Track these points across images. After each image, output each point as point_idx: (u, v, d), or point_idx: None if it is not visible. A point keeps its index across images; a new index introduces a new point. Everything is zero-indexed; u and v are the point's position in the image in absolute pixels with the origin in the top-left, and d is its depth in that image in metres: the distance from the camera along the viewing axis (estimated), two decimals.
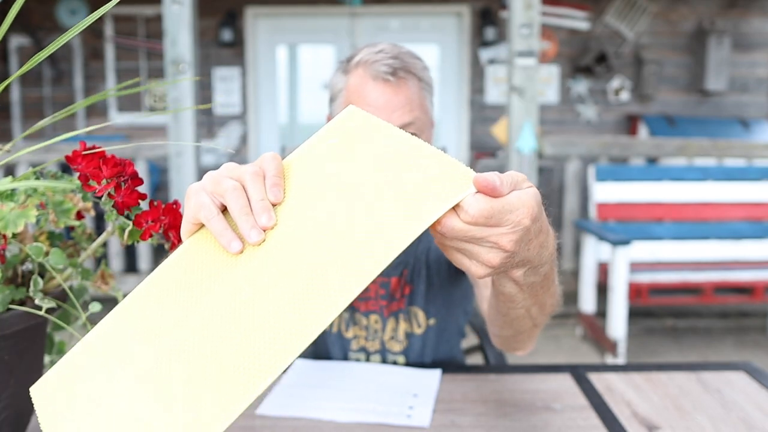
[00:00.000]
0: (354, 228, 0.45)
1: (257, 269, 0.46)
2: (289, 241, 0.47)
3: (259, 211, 0.48)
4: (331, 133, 0.53)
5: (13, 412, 0.63)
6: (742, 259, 3.24)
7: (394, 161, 0.48)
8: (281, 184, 0.50)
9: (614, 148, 3.52)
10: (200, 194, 0.50)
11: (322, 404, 0.85)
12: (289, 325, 0.42)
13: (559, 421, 0.81)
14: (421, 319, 1.07)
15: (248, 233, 0.47)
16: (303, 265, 0.45)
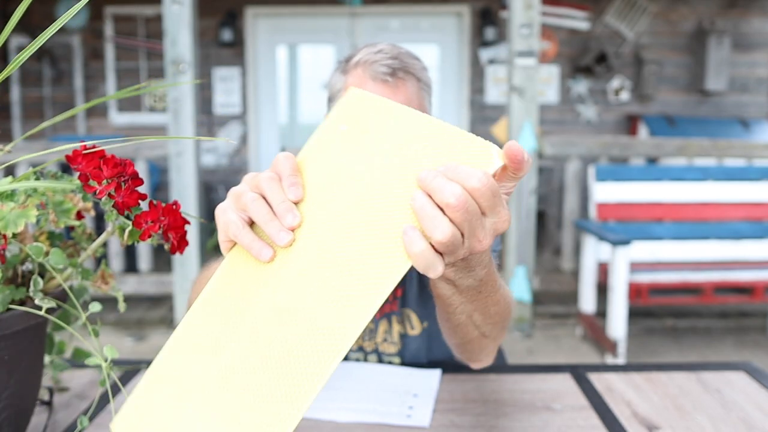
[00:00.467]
0: (384, 221, 0.45)
1: (296, 272, 0.47)
2: (321, 236, 0.47)
3: (283, 213, 0.48)
4: (339, 119, 0.53)
5: (13, 412, 0.63)
6: (742, 259, 3.24)
7: (410, 143, 0.48)
8: (299, 181, 0.50)
9: (614, 148, 3.52)
10: (226, 213, 0.51)
11: (321, 404, 0.85)
12: (333, 325, 0.43)
13: (559, 421, 0.81)
14: (414, 322, 1.07)
15: (277, 237, 0.48)
16: (338, 261, 0.45)
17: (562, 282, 3.76)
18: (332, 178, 0.49)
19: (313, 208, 0.49)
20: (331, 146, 0.51)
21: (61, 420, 0.81)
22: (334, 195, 0.48)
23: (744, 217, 3.28)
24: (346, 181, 0.48)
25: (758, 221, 3.28)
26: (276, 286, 0.47)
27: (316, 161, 0.52)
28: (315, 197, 0.49)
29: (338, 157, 0.50)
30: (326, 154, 0.51)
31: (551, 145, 3.44)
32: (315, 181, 0.50)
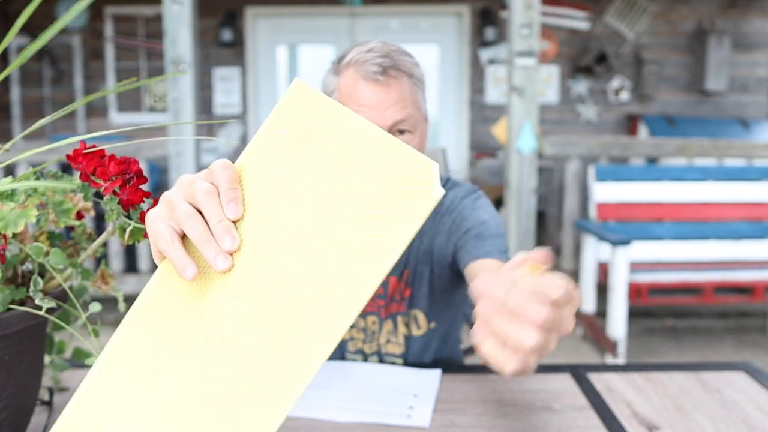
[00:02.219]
0: (328, 249, 0.42)
1: (234, 298, 0.44)
2: (260, 263, 0.43)
3: (221, 235, 0.44)
4: (280, 120, 0.48)
5: (13, 411, 0.63)
6: (742, 259, 3.24)
7: (353, 158, 0.44)
8: (239, 195, 0.46)
9: (614, 148, 3.52)
10: (155, 223, 0.47)
11: (322, 404, 0.85)
12: (276, 378, 0.40)
13: (559, 421, 0.81)
14: (421, 322, 1.06)
15: (214, 261, 0.44)
16: (281, 296, 0.42)
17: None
18: (272, 191, 0.46)
19: (253, 226, 0.45)
20: (270, 153, 0.47)
21: None
22: (276, 213, 0.45)
23: (744, 217, 3.28)
24: (288, 197, 0.45)
25: (758, 221, 3.28)
26: (214, 311, 0.44)
27: (256, 169, 0.47)
28: (255, 213, 0.46)
29: (278, 167, 0.47)
30: (265, 161, 0.47)
31: (551, 145, 3.44)
32: (255, 194, 0.46)
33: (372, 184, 0.42)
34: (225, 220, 0.45)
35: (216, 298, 0.44)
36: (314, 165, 0.45)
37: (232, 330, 0.43)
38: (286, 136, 0.47)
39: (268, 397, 0.40)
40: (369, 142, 0.44)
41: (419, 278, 1.05)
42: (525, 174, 3.32)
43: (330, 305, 0.40)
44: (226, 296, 0.44)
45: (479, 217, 0.98)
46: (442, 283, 1.05)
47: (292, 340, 0.40)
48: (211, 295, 0.45)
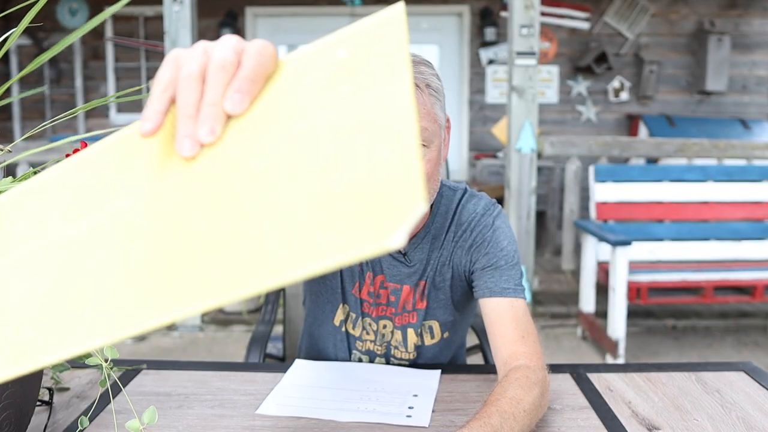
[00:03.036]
0: (289, 205, 0.35)
1: (180, 191, 0.37)
2: (224, 175, 0.37)
3: (203, 119, 0.37)
4: (348, 41, 0.40)
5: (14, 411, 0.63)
6: (742, 259, 3.24)
7: (366, 128, 0.35)
8: (252, 91, 0.38)
9: (614, 148, 3.52)
10: (165, 66, 0.40)
11: (322, 404, 0.85)
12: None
13: (559, 421, 0.81)
14: (436, 332, 1.06)
15: (180, 141, 0.37)
16: (222, 216, 0.35)
17: (562, 282, 3.76)
18: (284, 115, 0.38)
19: (242, 134, 0.38)
20: (312, 71, 0.39)
21: (61, 420, 0.81)
22: (271, 136, 0.37)
23: (744, 217, 3.28)
24: (292, 130, 0.37)
25: (758, 221, 3.28)
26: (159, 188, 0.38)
27: (288, 79, 0.40)
28: (254, 122, 0.38)
29: (306, 93, 0.39)
30: (301, 78, 0.40)
31: (551, 145, 3.44)
32: (269, 104, 0.39)
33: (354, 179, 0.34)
34: (218, 107, 0.37)
35: (166, 177, 0.39)
36: (329, 110, 0.37)
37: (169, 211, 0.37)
38: (342, 59, 0.39)
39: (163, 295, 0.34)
40: (389, 137, 0.35)
41: (436, 290, 1.03)
42: (525, 174, 3.32)
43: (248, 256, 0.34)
44: (174, 183, 0.38)
45: (498, 242, 0.98)
46: (457, 295, 1.04)
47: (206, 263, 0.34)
48: (163, 171, 0.39)
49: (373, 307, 1.05)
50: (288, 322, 1.47)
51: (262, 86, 0.39)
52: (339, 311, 1.07)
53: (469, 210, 1.02)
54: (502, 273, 0.95)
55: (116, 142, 0.42)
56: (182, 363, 1.04)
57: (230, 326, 3.41)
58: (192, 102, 0.37)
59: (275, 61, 0.39)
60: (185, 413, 0.83)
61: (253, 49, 0.39)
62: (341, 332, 1.08)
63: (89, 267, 0.37)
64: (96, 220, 0.39)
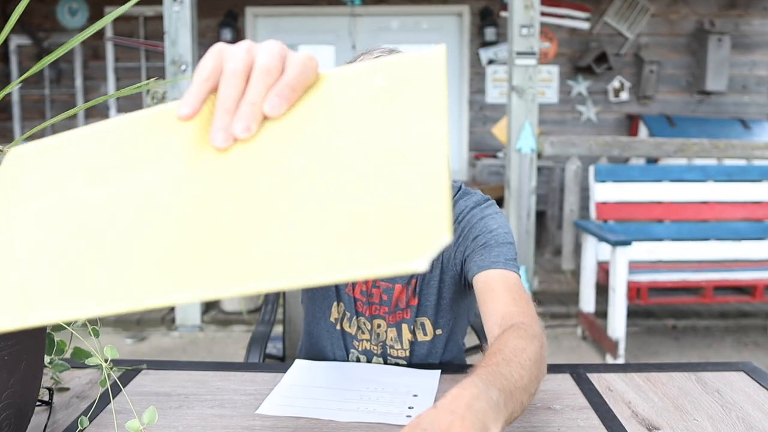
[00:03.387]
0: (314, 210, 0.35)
1: (209, 181, 0.38)
2: (253, 170, 0.38)
3: (241, 116, 0.38)
4: (391, 70, 0.40)
5: (14, 411, 0.63)
6: (742, 259, 3.24)
7: (399, 156, 0.36)
8: (291, 98, 0.39)
9: (614, 148, 3.52)
10: (209, 56, 0.42)
11: (321, 404, 0.85)
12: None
13: (559, 421, 0.81)
14: (428, 329, 1.06)
15: (215, 132, 0.39)
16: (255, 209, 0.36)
17: (562, 282, 3.76)
18: (320, 128, 0.39)
19: (276, 135, 0.39)
20: (351, 93, 0.40)
21: (61, 420, 0.81)
22: (303, 143, 0.38)
23: (744, 217, 3.28)
24: (326, 142, 0.38)
25: (758, 221, 3.28)
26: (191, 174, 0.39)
27: (326, 93, 0.40)
28: (289, 127, 0.39)
29: (343, 112, 0.39)
30: (340, 96, 0.40)
31: (551, 145, 3.44)
32: (306, 113, 0.39)
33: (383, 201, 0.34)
34: (257, 107, 0.39)
35: (197, 162, 0.39)
36: (363, 132, 0.38)
37: (196, 195, 0.38)
38: (379, 88, 0.39)
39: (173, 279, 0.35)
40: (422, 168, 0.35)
41: (427, 287, 1.04)
42: (525, 174, 3.32)
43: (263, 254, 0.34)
44: (204, 170, 0.39)
45: (487, 225, 0.98)
46: (450, 292, 1.04)
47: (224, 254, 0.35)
48: (195, 156, 0.40)
49: (366, 306, 1.05)
50: (288, 322, 1.47)
51: (301, 95, 0.40)
52: (334, 309, 1.08)
53: (460, 206, 1.03)
54: (491, 250, 0.94)
55: (149, 117, 0.43)
56: (182, 363, 1.04)
57: (230, 326, 3.41)
58: (233, 97, 0.39)
59: (316, 74, 0.41)
60: (185, 413, 0.83)
61: (297, 59, 0.40)
62: (337, 330, 1.08)
63: (108, 233, 0.37)
64: (120, 189, 0.39)
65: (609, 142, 3.55)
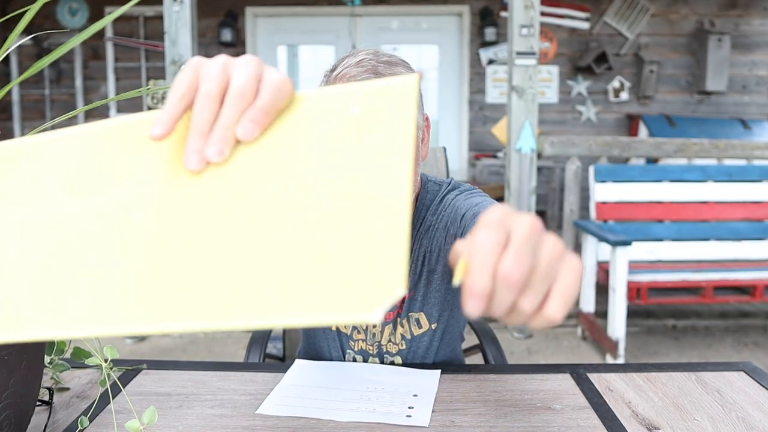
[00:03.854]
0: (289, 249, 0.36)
1: (183, 203, 0.39)
2: (227, 201, 0.38)
3: (214, 140, 0.38)
4: (363, 98, 0.40)
5: (14, 411, 0.63)
6: (742, 259, 3.24)
7: (363, 197, 0.36)
8: (264, 122, 0.39)
9: (614, 148, 3.52)
10: (185, 74, 0.41)
11: (322, 404, 0.85)
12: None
13: (559, 421, 0.81)
14: (423, 322, 1.06)
15: (188, 154, 0.39)
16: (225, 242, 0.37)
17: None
18: (290, 155, 0.39)
19: (248, 162, 0.39)
20: (322, 121, 0.40)
21: (61, 420, 0.81)
22: (275, 171, 0.38)
23: (744, 217, 3.28)
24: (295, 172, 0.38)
25: (758, 221, 3.28)
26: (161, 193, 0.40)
27: (298, 118, 0.40)
28: (261, 152, 0.39)
29: (315, 140, 0.39)
30: (312, 123, 0.40)
31: (551, 145, 3.44)
32: (277, 137, 0.40)
33: (345, 245, 0.35)
34: (230, 131, 0.39)
35: (172, 183, 0.40)
36: (332, 167, 0.38)
37: (170, 220, 0.38)
38: (354, 117, 0.39)
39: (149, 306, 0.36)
40: (384, 213, 0.35)
41: (418, 279, 1.05)
42: (525, 174, 3.32)
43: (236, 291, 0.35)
44: (178, 193, 0.39)
45: (472, 202, 0.98)
46: (442, 281, 1.05)
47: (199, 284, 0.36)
48: (170, 176, 0.40)
49: None
50: None
51: (275, 119, 0.40)
52: None
53: (449, 198, 1.03)
54: (480, 209, 0.93)
55: (130, 126, 0.43)
56: (182, 363, 1.04)
57: None
58: (206, 120, 0.39)
59: (290, 97, 0.41)
60: (185, 413, 0.83)
61: (271, 82, 0.40)
62: (332, 331, 1.09)
63: (86, 252, 0.38)
64: (98, 203, 0.40)
65: (609, 142, 3.55)
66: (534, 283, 0.38)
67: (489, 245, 0.38)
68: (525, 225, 0.39)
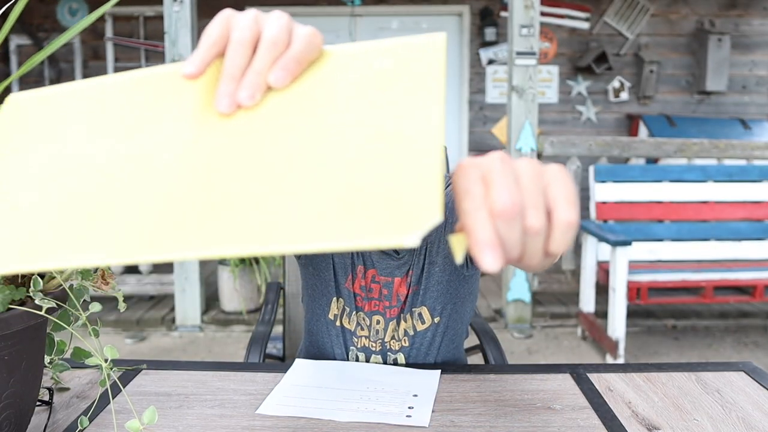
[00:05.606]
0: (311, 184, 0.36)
1: (216, 136, 0.39)
2: (254, 138, 0.39)
3: (246, 84, 0.39)
4: (392, 53, 0.41)
5: (14, 411, 0.63)
6: (742, 259, 3.24)
7: (396, 137, 0.37)
8: (295, 71, 0.40)
9: (614, 148, 3.52)
10: (217, 23, 0.42)
11: (322, 404, 0.85)
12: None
13: (559, 421, 0.81)
14: (425, 316, 1.06)
15: (220, 97, 0.40)
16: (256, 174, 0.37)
17: (562, 282, 3.76)
18: (323, 100, 0.39)
19: (276, 107, 0.40)
20: (354, 71, 0.41)
21: (61, 420, 0.81)
22: (307, 116, 0.39)
23: (744, 217, 3.28)
24: (330, 115, 0.39)
25: (758, 221, 3.28)
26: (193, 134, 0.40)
27: (330, 68, 0.41)
28: (290, 99, 0.40)
29: (346, 87, 0.40)
30: (344, 73, 0.41)
31: (551, 145, 3.44)
32: (307, 86, 0.40)
33: (378, 178, 0.35)
34: (262, 77, 0.40)
35: (201, 126, 0.40)
36: (363, 112, 0.38)
37: (200, 157, 0.39)
38: (385, 69, 0.40)
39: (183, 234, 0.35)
40: (418, 150, 0.36)
41: (423, 274, 1.04)
42: None
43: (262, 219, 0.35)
44: (208, 134, 0.40)
45: None
46: (447, 275, 1.04)
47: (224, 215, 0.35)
48: (199, 120, 0.41)
49: (366, 301, 1.05)
50: (288, 322, 1.47)
51: (305, 69, 0.41)
52: (333, 305, 1.08)
53: (448, 190, 1.03)
54: None
55: (157, 76, 0.43)
56: (182, 363, 1.04)
57: (230, 326, 3.41)
58: (239, 65, 0.40)
59: (320, 50, 0.42)
60: (185, 413, 0.83)
61: (303, 33, 0.41)
62: (336, 327, 1.08)
63: (109, 188, 0.38)
64: (124, 146, 0.40)
65: (609, 142, 3.55)
66: (530, 200, 0.38)
67: (472, 195, 0.37)
68: (496, 160, 0.39)
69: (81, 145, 0.41)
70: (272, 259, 3.52)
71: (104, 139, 0.41)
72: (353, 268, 1.05)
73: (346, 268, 1.05)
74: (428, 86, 0.38)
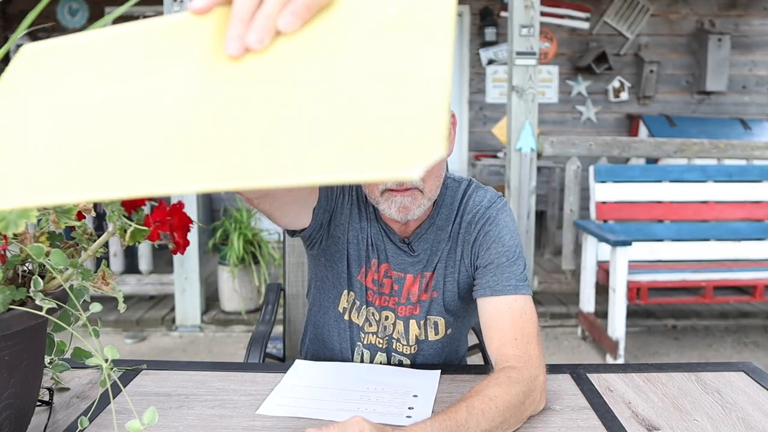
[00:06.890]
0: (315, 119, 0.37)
1: (226, 78, 0.40)
2: (262, 80, 0.40)
3: (255, 27, 0.40)
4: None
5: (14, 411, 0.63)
6: (742, 259, 3.24)
7: (403, 78, 0.37)
8: (305, 16, 0.40)
9: (614, 148, 3.52)
10: None
11: (322, 404, 0.85)
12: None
13: (559, 421, 0.81)
14: (440, 328, 1.06)
15: (229, 40, 0.40)
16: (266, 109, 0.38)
17: (562, 282, 3.76)
18: (331, 43, 0.40)
19: (285, 51, 0.40)
20: (361, 15, 0.42)
21: (61, 420, 0.81)
22: (311, 57, 0.40)
23: (744, 217, 3.28)
24: (337, 56, 0.40)
25: (758, 221, 3.28)
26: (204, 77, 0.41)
27: (339, 13, 0.42)
28: (299, 43, 0.40)
29: (351, 31, 0.41)
30: (350, 17, 0.41)
31: (551, 145, 3.44)
32: (317, 31, 0.41)
33: (384, 115, 0.36)
34: (272, 21, 0.40)
35: (210, 68, 0.41)
36: (371, 55, 0.39)
37: (210, 96, 0.40)
38: (392, 14, 0.41)
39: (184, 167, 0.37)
40: (425, 90, 0.37)
41: (445, 282, 1.03)
42: (525, 174, 3.32)
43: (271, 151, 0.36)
44: (217, 75, 0.41)
45: (501, 238, 0.98)
46: (464, 290, 1.04)
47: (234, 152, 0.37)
48: (209, 62, 0.42)
49: (377, 295, 1.05)
50: (288, 322, 1.47)
51: (315, 15, 0.42)
52: (343, 298, 1.07)
53: (475, 202, 1.02)
54: (503, 271, 0.95)
55: (166, 24, 0.44)
56: (182, 363, 1.04)
57: (230, 326, 3.41)
58: (248, 9, 0.40)
59: None
60: (185, 413, 0.83)
61: None
62: (344, 321, 1.07)
63: (116, 126, 0.39)
64: (134, 88, 0.41)
65: (609, 142, 3.55)
66: None
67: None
68: None
69: (91, 88, 0.42)
70: (272, 259, 3.52)
71: (113, 82, 0.42)
72: (367, 261, 1.04)
73: (360, 261, 1.05)
74: (437, 31, 0.39)
